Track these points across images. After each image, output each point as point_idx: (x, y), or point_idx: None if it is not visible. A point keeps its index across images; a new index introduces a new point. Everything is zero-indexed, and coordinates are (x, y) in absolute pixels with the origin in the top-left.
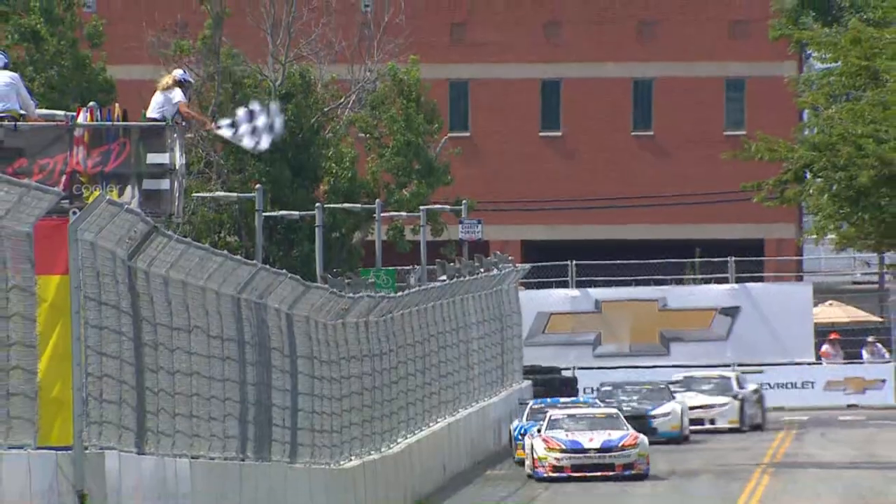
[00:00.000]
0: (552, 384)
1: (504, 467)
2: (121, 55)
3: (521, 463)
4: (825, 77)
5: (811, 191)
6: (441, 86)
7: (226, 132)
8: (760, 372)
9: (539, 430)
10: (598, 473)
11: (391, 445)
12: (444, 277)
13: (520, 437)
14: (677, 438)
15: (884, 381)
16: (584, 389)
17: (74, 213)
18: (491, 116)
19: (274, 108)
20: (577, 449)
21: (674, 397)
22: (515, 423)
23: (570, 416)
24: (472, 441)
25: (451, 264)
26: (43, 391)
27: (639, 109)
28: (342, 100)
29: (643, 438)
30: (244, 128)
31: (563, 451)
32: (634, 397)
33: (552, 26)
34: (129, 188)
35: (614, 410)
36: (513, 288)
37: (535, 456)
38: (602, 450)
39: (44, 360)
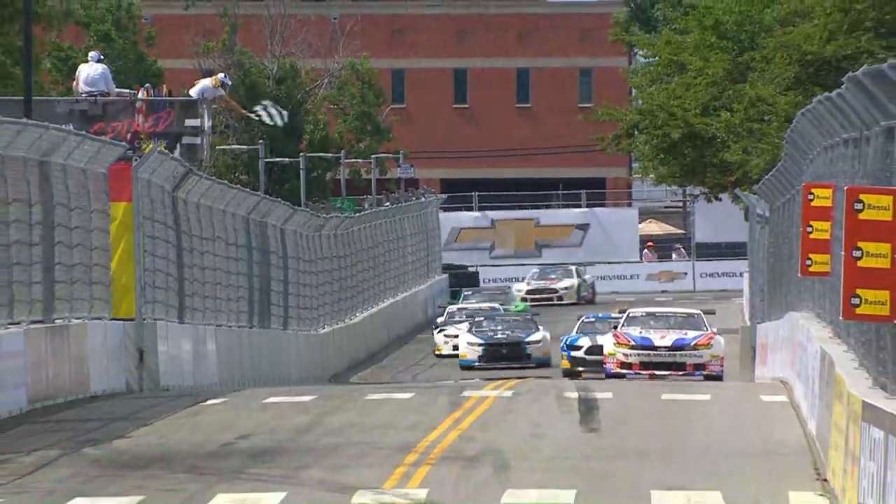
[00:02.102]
0: (461, 276)
1: (428, 333)
2: (167, 52)
3: (565, 373)
4: (647, 67)
5: (638, 143)
6: (386, 73)
7: (252, 115)
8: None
9: (616, 328)
10: (668, 372)
11: (352, 318)
12: (388, 204)
13: (566, 348)
14: (547, 363)
15: (686, 273)
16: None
17: (136, 159)
18: (420, 94)
19: (277, 110)
20: (647, 346)
21: (539, 327)
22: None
23: (649, 313)
24: (407, 314)
25: (393, 195)
26: (114, 281)
27: (520, 90)
28: (318, 83)
29: (718, 339)
30: (262, 114)
31: (632, 347)
32: (504, 325)
33: (462, 33)
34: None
35: (697, 310)
36: (434, 211)
37: (605, 352)
38: (673, 348)
39: (115, 259)
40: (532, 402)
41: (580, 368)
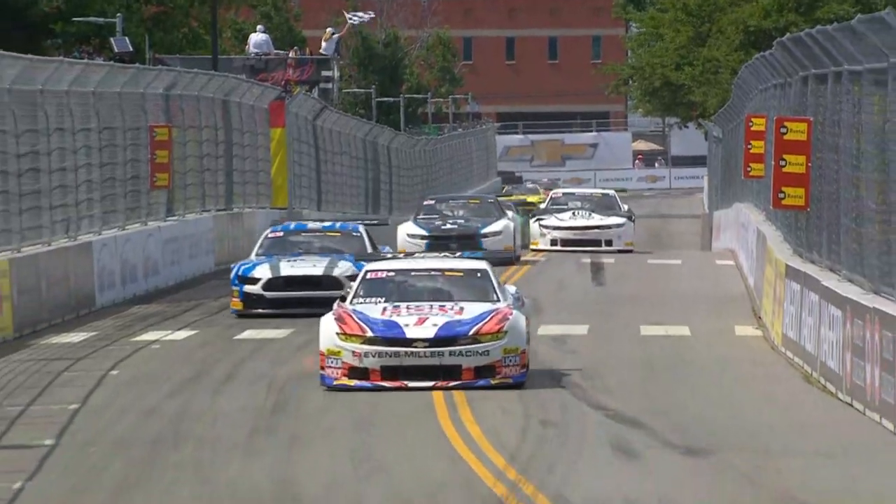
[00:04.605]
0: (510, 179)
1: None
2: (308, 24)
3: (239, 315)
4: (638, 35)
5: (631, 89)
6: (459, 39)
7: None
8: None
9: (344, 300)
10: (430, 383)
11: None
12: (460, 129)
13: (237, 280)
14: (510, 259)
15: (664, 177)
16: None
17: (288, 99)
18: (482, 54)
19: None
20: (395, 339)
21: (505, 213)
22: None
23: (400, 271)
24: None
25: (464, 123)
26: (273, 182)
27: (551, 51)
28: (413, 46)
29: (516, 320)
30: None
31: (368, 341)
32: (461, 213)
33: (512, 11)
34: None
35: (482, 264)
36: (492, 134)
37: (323, 348)
38: (437, 342)
39: (274, 167)
40: (558, 265)
41: (258, 310)
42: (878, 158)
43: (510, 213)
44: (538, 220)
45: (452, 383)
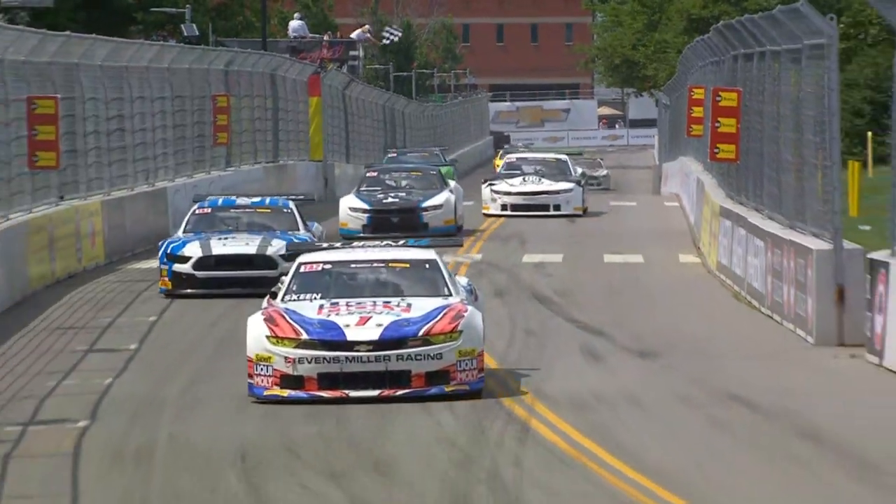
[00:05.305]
0: (499, 138)
1: (477, 171)
2: (340, 13)
3: (167, 295)
4: (602, 23)
5: (597, 65)
6: (460, 26)
7: (383, 41)
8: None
9: (274, 296)
10: (375, 392)
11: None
12: (460, 98)
13: (165, 259)
14: (451, 233)
15: (623, 136)
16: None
17: (322, 74)
18: (478, 37)
19: (392, 31)
20: (334, 342)
21: (447, 185)
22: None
23: (338, 262)
24: (472, 157)
25: (463, 93)
26: (311, 140)
27: (533, 34)
28: (422, 30)
29: (471, 317)
30: (386, 37)
31: (303, 344)
32: (403, 184)
33: (503, 2)
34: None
35: (431, 254)
36: (486, 102)
37: (251, 354)
38: (382, 344)
39: (311, 128)
40: None
41: (188, 290)
42: (793, 121)
43: (452, 184)
44: (490, 184)
45: (400, 392)
